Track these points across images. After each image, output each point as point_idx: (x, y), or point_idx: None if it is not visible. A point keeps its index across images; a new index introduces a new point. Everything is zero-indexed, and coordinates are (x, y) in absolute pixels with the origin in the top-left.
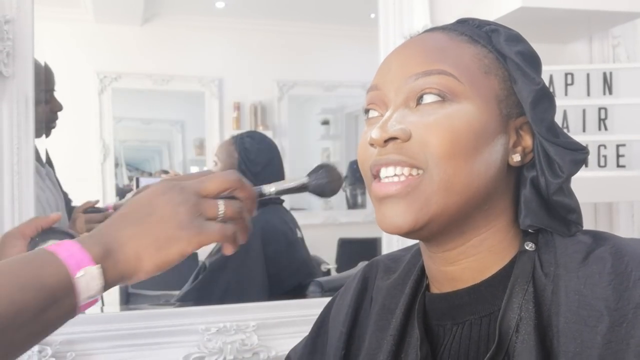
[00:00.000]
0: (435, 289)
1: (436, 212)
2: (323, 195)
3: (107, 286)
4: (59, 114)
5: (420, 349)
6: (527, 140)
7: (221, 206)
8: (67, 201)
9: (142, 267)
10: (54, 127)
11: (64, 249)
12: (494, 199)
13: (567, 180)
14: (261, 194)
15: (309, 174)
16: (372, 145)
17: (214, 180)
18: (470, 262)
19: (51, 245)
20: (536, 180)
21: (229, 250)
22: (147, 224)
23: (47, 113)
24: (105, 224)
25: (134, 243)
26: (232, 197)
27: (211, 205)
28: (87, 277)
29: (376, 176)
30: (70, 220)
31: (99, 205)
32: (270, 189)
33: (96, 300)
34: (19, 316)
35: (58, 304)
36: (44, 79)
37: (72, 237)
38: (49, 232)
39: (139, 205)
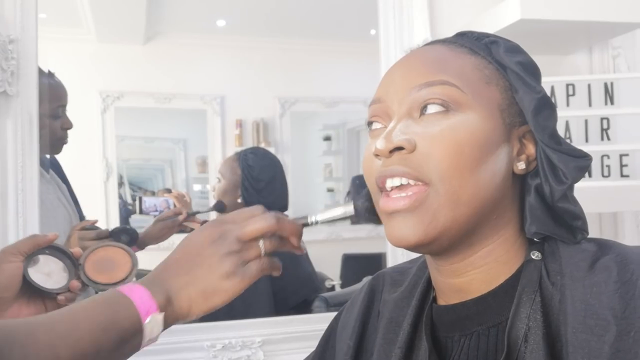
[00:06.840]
0: (443, 300)
1: (445, 225)
2: (369, 219)
3: (164, 329)
4: (68, 132)
5: None
6: (531, 149)
7: (262, 246)
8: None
9: (192, 314)
10: (65, 143)
11: (137, 295)
12: (500, 208)
13: (571, 187)
14: (305, 224)
15: (352, 197)
16: (377, 156)
17: (254, 226)
18: (477, 273)
19: (124, 286)
20: (540, 187)
21: (276, 274)
22: (196, 274)
23: (57, 130)
24: (163, 269)
25: (186, 292)
26: None
27: (253, 249)
28: (152, 322)
29: (383, 189)
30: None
31: (101, 224)
32: (313, 218)
33: (154, 341)
34: (100, 353)
35: (127, 344)
36: (58, 94)
37: (66, 253)
38: (44, 249)
39: (189, 254)
